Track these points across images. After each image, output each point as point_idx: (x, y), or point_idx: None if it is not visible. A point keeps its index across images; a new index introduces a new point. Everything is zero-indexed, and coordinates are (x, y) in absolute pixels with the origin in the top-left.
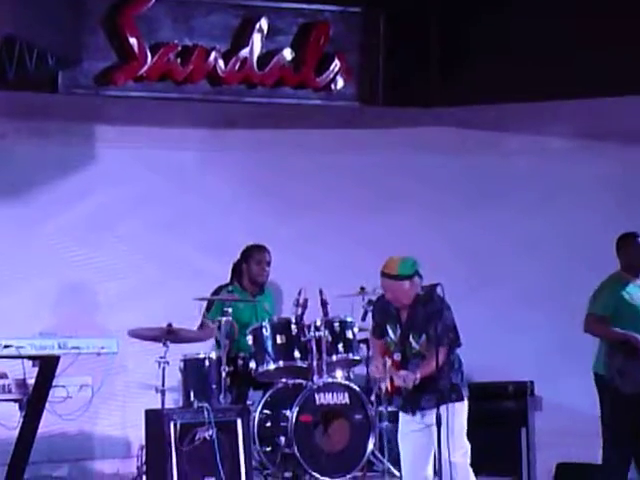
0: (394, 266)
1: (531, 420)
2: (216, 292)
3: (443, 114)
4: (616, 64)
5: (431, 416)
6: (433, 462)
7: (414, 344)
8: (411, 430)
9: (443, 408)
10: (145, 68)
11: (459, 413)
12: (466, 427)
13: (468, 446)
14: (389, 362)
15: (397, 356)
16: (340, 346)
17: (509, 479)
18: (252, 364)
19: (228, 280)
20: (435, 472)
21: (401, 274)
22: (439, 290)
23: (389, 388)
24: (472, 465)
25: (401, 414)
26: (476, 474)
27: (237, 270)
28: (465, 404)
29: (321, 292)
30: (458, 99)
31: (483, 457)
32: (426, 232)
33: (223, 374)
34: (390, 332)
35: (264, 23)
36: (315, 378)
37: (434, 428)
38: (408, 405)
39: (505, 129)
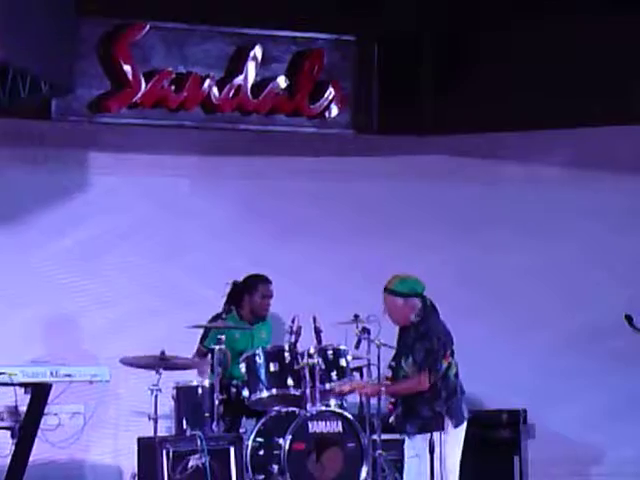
0: (394, 281)
1: (524, 448)
2: (212, 321)
3: (437, 142)
4: (610, 94)
5: (417, 443)
6: None
7: (404, 365)
8: (409, 456)
9: (425, 437)
10: (139, 95)
11: (437, 444)
12: (452, 458)
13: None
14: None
15: (388, 373)
16: (334, 374)
17: None
18: (245, 392)
19: (222, 307)
20: None
21: (395, 290)
22: (427, 310)
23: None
24: None
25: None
26: None
27: (236, 299)
28: (448, 435)
29: (315, 319)
30: (452, 127)
31: None
32: (421, 258)
33: (216, 402)
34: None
35: (258, 51)
36: (308, 406)
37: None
38: (398, 428)
39: (499, 157)
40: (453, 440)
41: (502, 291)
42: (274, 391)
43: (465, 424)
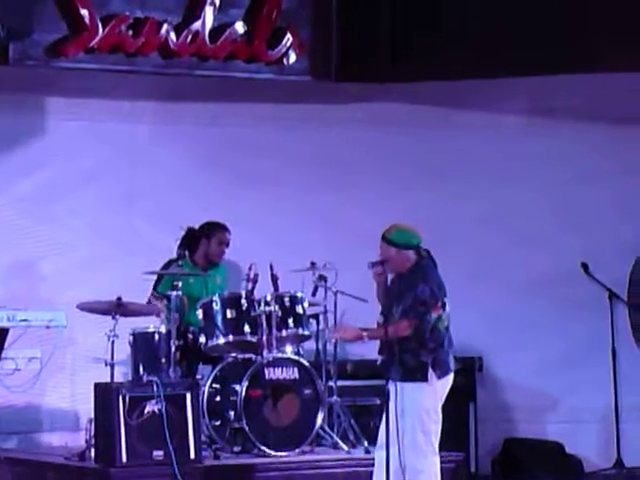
0: (391, 230)
1: (479, 395)
2: (166, 267)
3: (395, 89)
4: (569, 41)
5: (400, 390)
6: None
7: (394, 313)
8: (391, 400)
9: (406, 385)
10: (96, 40)
11: (417, 393)
12: (431, 409)
13: (428, 429)
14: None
15: (380, 319)
16: (290, 321)
17: (457, 454)
18: (202, 338)
19: (175, 252)
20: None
21: (391, 240)
22: (422, 261)
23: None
24: None
25: None
26: None
27: (191, 243)
28: (430, 386)
29: (271, 267)
30: (410, 75)
31: None
32: (379, 206)
33: (173, 348)
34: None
35: None
36: (265, 353)
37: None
38: (384, 372)
39: (457, 105)
40: (436, 391)
41: (458, 239)
42: (230, 337)
43: (451, 376)
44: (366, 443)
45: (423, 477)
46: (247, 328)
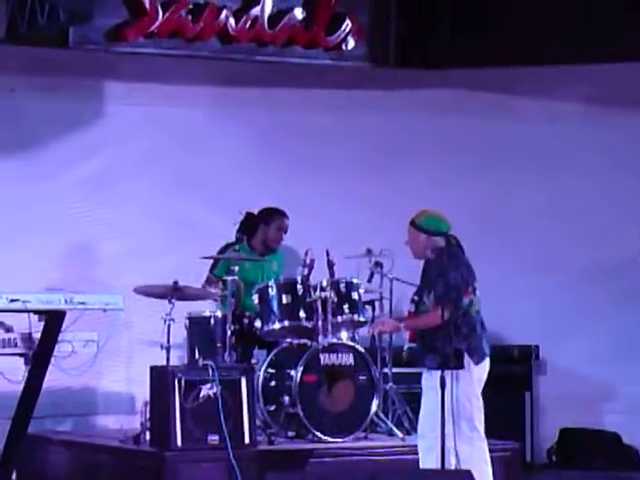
0: (421, 217)
1: (535, 384)
2: (223, 250)
3: (453, 76)
4: (631, 29)
5: (436, 378)
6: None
7: (425, 300)
8: (427, 387)
9: (445, 373)
10: (156, 25)
11: (455, 381)
12: (472, 395)
13: (471, 415)
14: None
15: (411, 307)
16: (346, 307)
17: (513, 443)
18: (257, 323)
19: (234, 236)
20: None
21: (420, 226)
22: (451, 248)
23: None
24: None
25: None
26: None
27: (249, 228)
28: (467, 372)
29: (328, 253)
30: (468, 61)
31: (486, 421)
32: (435, 193)
33: (228, 332)
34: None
35: None
36: (320, 338)
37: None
38: (418, 360)
39: (515, 92)
40: (474, 377)
41: (514, 228)
42: (286, 323)
43: (487, 361)
44: None
45: (471, 464)
46: (303, 313)
